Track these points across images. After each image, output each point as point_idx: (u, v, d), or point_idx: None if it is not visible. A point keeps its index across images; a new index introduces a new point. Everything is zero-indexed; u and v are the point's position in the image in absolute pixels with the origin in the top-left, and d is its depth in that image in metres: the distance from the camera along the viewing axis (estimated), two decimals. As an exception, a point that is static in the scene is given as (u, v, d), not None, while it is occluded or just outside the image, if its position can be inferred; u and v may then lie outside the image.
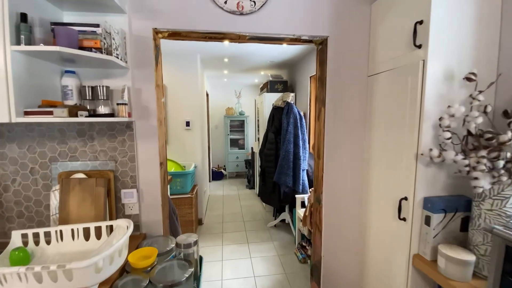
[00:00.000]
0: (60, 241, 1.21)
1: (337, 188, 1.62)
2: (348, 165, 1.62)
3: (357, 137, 1.60)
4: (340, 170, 1.61)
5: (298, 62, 4.03)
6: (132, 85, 1.39)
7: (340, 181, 1.62)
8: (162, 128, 1.53)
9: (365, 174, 1.62)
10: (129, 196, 1.43)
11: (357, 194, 1.65)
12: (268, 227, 3.68)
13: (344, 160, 1.61)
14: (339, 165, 1.61)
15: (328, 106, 1.56)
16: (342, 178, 1.62)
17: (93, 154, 1.41)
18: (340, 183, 1.62)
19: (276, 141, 3.34)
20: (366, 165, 1.61)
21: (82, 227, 1.23)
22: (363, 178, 1.65)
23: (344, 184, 1.62)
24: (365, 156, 1.62)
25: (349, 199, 1.63)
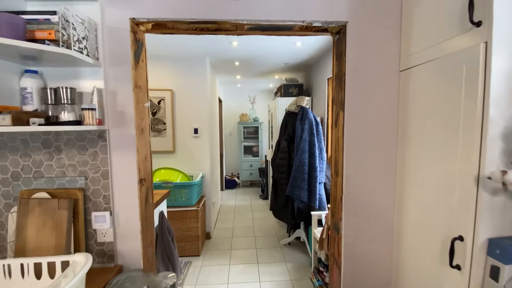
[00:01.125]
0: (8, 278, 0.98)
1: (361, 214, 1.27)
2: (375, 185, 1.26)
3: (386, 149, 1.25)
4: (365, 192, 1.26)
5: (314, 64, 3.70)
6: (106, 86, 1.16)
7: (365, 206, 1.26)
8: (144, 138, 1.28)
9: (399, 199, 1.26)
10: (100, 220, 1.18)
11: (387, 225, 1.28)
12: (281, 244, 3.33)
13: (370, 179, 1.25)
14: (363, 185, 1.25)
15: (348, 109, 1.23)
16: (367, 202, 1.26)
17: (60, 169, 1.18)
18: (365, 209, 1.26)
19: (289, 150, 3.02)
20: (400, 187, 1.24)
21: (33, 262, 0.99)
22: (396, 203, 1.28)
23: (371, 211, 1.26)
24: (398, 175, 1.26)
25: (377, 231, 1.27)
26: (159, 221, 1.88)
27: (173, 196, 2.98)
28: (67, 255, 1.01)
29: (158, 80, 3.35)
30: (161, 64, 3.34)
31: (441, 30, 1.00)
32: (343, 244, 1.28)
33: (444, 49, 0.99)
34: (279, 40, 2.77)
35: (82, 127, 1.02)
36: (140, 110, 1.24)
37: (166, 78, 3.35)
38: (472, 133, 0.87)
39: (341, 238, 1.29)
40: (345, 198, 1.26)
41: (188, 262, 2.95)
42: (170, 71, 3.35)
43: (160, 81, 3.35)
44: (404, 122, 1.21)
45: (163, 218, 1.89)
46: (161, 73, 3.35)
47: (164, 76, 3.35)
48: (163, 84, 3.35)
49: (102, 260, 1.22)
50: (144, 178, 1.27)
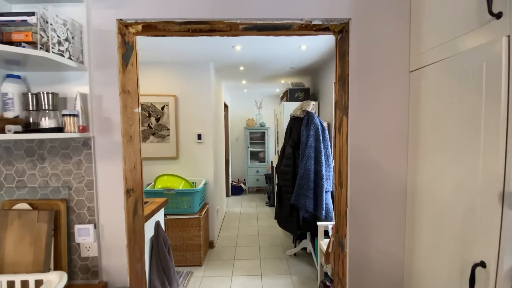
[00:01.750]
0: (-19, 297, 0.91)
1: (369, 231, 1.14)
2: (384, 199, 1.13)
3: (395, 159, 1.12)
4: (373, 206, 1.13)
5: (321, 67, 3.59)
6: (91, 91, 1.09)
7: (373, 222, 1.13)
8: (133, 145, 1.21)
9: (410, 216, 1.12)
10: (84, 233, 1.10)
11: (398, 244, 1.14)
12: (287, 255, 3.18)
13: (378, 192, 1.13)
14: (371, 198, 1.13)
15: (352, 114, 1.11)
16: (375, 218, 1.13)
17: (44, 179, 1.12)
18: (373, 225, 1.13)
19: (294, 157, 2.90)
20: (411, 203, 1.11)
21: (6, 280, 0.92)
22: (407, 221, 1.14)
23: (379, 228, 1.13)
24: (409, 188, 1.13)
25: (387, 250, 1.13)
26: (155, 232, 1.80)
27: (175, 203, 2.91)
28: (41, 273, 0.93)
29: (162, 86, 3.32)
30: (165, 70, 3.32)
31: (456, 24, 0.89)
32: (348, 263, 1.15)
33: (460, 45, 0.87)
34: (283, 44, 2.69)
35: (62, 135, 0.96)
36: (128, 116, 1.17)
37: (170, 83, 3.32)
38: (495, 141, 0.74)
39: (346, 257, 1.17)
40: (350, 212, 1.13)
41: (189, 272, 2.85)
42: (174, 76, 3.32)
43: (164, 86, 3.33)
44: (416, 128, 1.09)
45: (159, 228, 1.81)
46: (165, 79, 3.33)
47: (168, 82, 3.33)
48: (167, 90, 3.32)
49: (86, 276, 1.14)
50: (132, 188, 1.19)
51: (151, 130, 3.33)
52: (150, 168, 3.38)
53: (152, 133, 3.33)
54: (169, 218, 2.90)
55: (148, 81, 3.31)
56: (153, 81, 3.32)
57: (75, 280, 1.13)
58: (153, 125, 3.33)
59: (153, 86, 3.32)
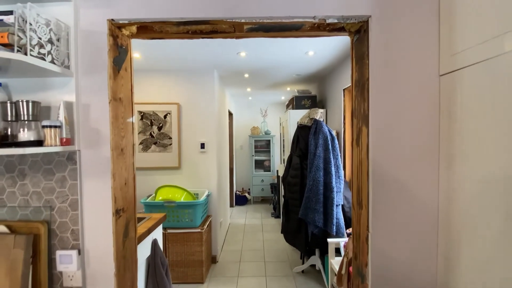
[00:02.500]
0: None
1: (395, 260, 0.97)
2: (414, 224, 0.96)
3: (427, 175, 0.96)
4: (401, 231, 0.97)
5: (328, 74, 3.47)
6: (77, 99, 0.98)
7: (399, 250, 0.97)
8: (125, 159, 1.08)
9: (449, 244, 0.96)
10: (66, 260, 0.96)
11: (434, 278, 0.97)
12: (294, 272, 2.99)
13: (407, 215, 0.97)
14: (398, 221, 0.97)
15: (374, 124, 0.97)
16: (403, 245, 0.97)
17: (24, 198, 0.99)
18: (400, 253, 0.97)
19: (301, 167, 2.74)
20: (446, 226, 0.94)
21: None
22: (444, 248, 0.97)
23: (409, 258, 0.96)
24: (442, 210, 0.96)
25: (419, 285, 0.96)
26: (152, 251, 1.65)
27: (176, 216, 2.76)
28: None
29: (164, 94, 3.23)
30: (168, 77, 3.23)
31: (501, 18, 0.74)
32: (371, 297, 0.98)
33: (508, 43, 0.72)
34: (289, 50, 2.58)
35: (41, 149, 0.83)
36: (120, 127, 1.04)
37: (173, 91, 3.23)
38: None
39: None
40: (372, 238, 0.97)
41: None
42: (177, 84, 3.23)
43: (167, 94, 3.24)
44: (449, 141, 0.93)
45: (157, 247, 1.67)
46: (168, 87, 3.24)
47: (171, 90, 3.24)
48: (170, 98, 3.23)
49: (68, 309, 0.99)
50: (123, 208, 1.05)
51: (153, 139, 3.22)
52: (151, 178, 3.26)
53: (154, 142, 3.23)
54: (169, 232, 2.76)
55: (150, 89, 3.23)
56: (156, 89, 3.24)
57: (56, 314, 0.99)
58: (155, 134, 3.22)
59: (156, 94, 3.23)
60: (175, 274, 2.79)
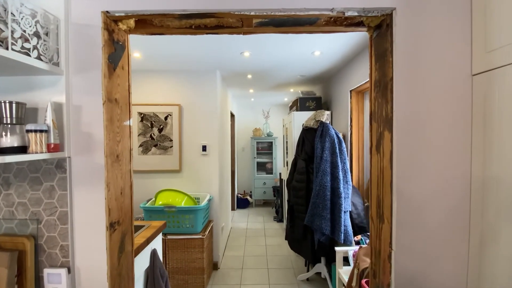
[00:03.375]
0: None
1: (422, 283, 0.86)
2: (446, 244, 0.86)
3: (458, 186, 0.86)
4: (430, 251, 0.86)
5: (334, 75, 3.37)
6: (68, 100, 0.88)
7: (428, 272, 0.86)
8: (120, 167, 0.98)
9: (484, 263, 0.85)
10: (55, 280, 0.86)
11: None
12: (299, 280, 2.88)
13: (437, 232, 0.86)
14: (427, 239, 0.86)
15: (399, 129, 0.86)
16: (433, 267, 0.86)
17: (9, 209, 0.89)
18: (429, 277, 0.86)
19: (307, 171, 2.63)
20: (481, 242, 0.84)
21: None
22: (477, 268, 0.87)
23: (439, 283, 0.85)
24: (476, 225, 0.86)
25: None
26: (151, 262, 1.55)
27: (176, 222, 2.66)
28: None
29: (165, 95, 3.14)
30: (169, 78, 3.14)
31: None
32: (394, 323, 0.88)
33: None
34: (295, 49, 2.48)
35: (24, 157, 0.73)
36: (115, 131, 0.94)
37: (174, 92, 3.14)
38: None
39: (391, 314, 0.89)
40: (396, 256, 0.87)
41: (192, 299, 2.57)
42: (178, 85, 3.13)
43: (168, 95, 3.14)
44: (484, 148, 0.83)
45: (156, 258, 1.56)
46: (169, 87, 3.14)
47: (172, 91, 3.14)
48: (171, 99, 3.13)
49: (56, 334, 0.89)
50: (118, 221, 0.95)
51: (153, 142, 3.12)
52: (151, 181, 3.16)
53: (154, 145, 3.13)
54: (169, 238, 2.65)
55: (151, 90, 3.13)
56: (157, 89, 3.14)
57: None
58: (156, 136, 3.12)
59: (156, 95, 3.13)
60: (175, 282, 2.68)
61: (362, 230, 2.46)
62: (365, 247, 1.81)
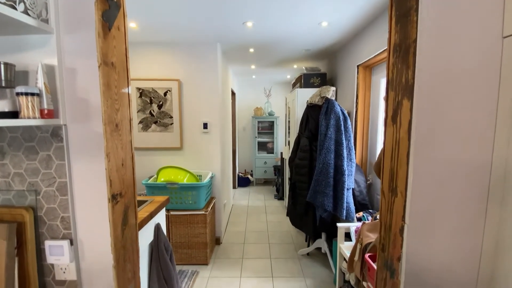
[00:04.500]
0: None
1: (435, 258, 0.84)
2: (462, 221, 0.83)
3: (483, 156, 0.81)
4: (446, 225, 0.83)
5: (340, 50, 3.22)
6: (60, 62, 0.80)
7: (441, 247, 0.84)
8: (121, 136, 0.93)
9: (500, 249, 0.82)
10: (57, 252, 0.84)
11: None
12: (299, 255, 2.95)
13: (453, 207, 0.83)
14: (442, 213, 0.83)
15: (420, 96, 0.80)
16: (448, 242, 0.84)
17: (5, 180, 0.85)
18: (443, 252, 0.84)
19: (310, 149, 2.60)
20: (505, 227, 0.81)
21: None
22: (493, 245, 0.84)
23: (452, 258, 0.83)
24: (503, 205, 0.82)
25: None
26: (155, 236, 1.55)
27: (179, 198, 2.66)
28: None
29: (164, 69, 3.02)
30: (167, 51, 3.00)
31: None
32: (403, 295, 0.87)
33: None
34: (301, 20, 2.34)
35: (16, 122, 0.67)
36: (113, 98, 0.88)
37: (173, 66, 3.01)
38: None
39: (399, 286, 0.89)
40: (410, 230, 0.84)
41: (195, 272, 2.64)
42: (177, 59, 3.00)
43: (166, 70, 3.02)
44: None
45: (160, 232, 1.56)
46: (167, 61, 3.01)
47: (170, 65, 3.02)
48: (170, 74, 3.02)
49: (63, 304, 0.89)
50: (120, 193, 0.91)
51: (153, 118, 3.06)
52: (152, 159, 3.14)
53: (154, 122, 3.06)
54: (172, 214, 2.67)
55: (148, 64, 3.01)
56: (155, 64, 3.01)
57: (50, 308, 0.88)
58: (155, 113, 3.05)
59: (155, 70, 3.02)
60: (179, 255, 2.74)
61: (364, 207, 2.47)
62: (369, 223, 1.81)
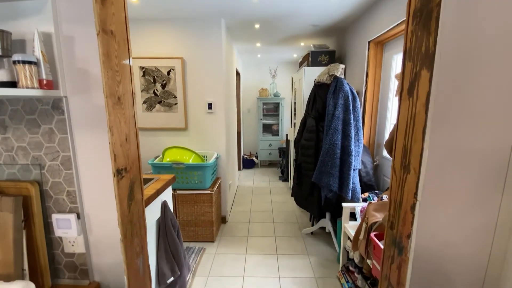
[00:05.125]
0: None
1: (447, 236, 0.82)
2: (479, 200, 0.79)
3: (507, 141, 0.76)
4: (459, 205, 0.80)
5: (351, 25, 3.06)
6: (57, 30, 0.76)
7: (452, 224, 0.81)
8: (123, 110, 0.89)
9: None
10: (64, 225, 0.84)
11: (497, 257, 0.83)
12: (303, 234, 2.99)
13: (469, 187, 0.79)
14: (456, 192, 0.80)
15: (440, 66, 0.74)
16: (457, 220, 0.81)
17: (9, 154, 0.84)
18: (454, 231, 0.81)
19: (317, 129, 2.55)
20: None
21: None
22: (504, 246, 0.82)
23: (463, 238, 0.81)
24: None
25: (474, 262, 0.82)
26: (162, 213, 1.57)
27: (185, 178, 2.68)
28: (2, 283, 0.69)
29: (167, 47, 2.93)
30: (169, 28, 2.89)
31: None
32: (411, 272, 0.87)
33: None
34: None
35: (13, 91, 0.65)
36: (114, 69, 0.83)
37: (176, 44, 2.92)
38: None
39: (407, 263, 0.88)
40: (421, 207, 0.82)
41: (202, 248, 2.72)
42: (180, 36, 2.90)
43: (169, 48, 2.93)
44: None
45: (167, 209, 1.58)
46: (170, 39, 2.92)
47: (173, 42, 2.92)
48: (173, 52, 2.93)
49: (73, 275, 0.91)
50: (125, 168, 0.90)
51: (157, 98, 3.01)
52: (157, 139, 3.13)
53: (158, 101, 3.02)
54: (179, 193, 2.71)
55: (150, 42, 2.92)
56: (157, 41, 2.92)
57: (61, 279, 0.91)
58: (159, 92, 3.00)
59: (157, 48, 2.93)
60: (186, 233, 2.81)
61: (370, 188, 2.46)
62: (375, 203, 1.80)
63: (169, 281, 1.54)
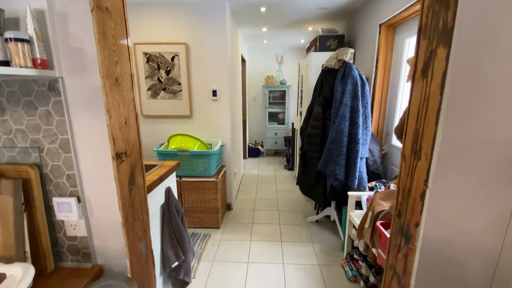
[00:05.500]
0: None
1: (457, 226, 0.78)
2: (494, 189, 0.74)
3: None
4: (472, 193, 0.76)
5: (362, 7, 2.92)
6: (50, 6, 0.72)
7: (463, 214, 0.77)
8: (121, 92, 0.87)
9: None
10: (65, 208, 0.84)
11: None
12: (308, 222, 2.99)
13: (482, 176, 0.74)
14: (469, 180, 0.75)
15: (458, 42, 0.68)
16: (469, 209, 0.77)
17: (7, 136, 0.83)
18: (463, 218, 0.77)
19: (324, 117, 2.48)
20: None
21: (-41, 272, 0.69)
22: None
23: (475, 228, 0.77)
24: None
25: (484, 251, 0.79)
26: (166, 199, 1.57)
27: (190, 165, 2.68)
28: (3, 265, 0.69)
29: (170, 32, 2.86)
30: (172, 12, 2.81)
31: None
32: (418, 261, 0.84)
33: None
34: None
35: (7, 69, 0.62)
36: (111, 49, 0.80)
37: (179, 29, 2.85)
38: None
39: (414, 252, 0.85)
40: (431, 195, 0.78)
41: (207, 234, 2.75)
42: (183, 20, 2.82)
43: (173, 33, 2.86)
44: None
45: (171, 195, 1.58)
46: (173, 24, 2.84)
47: (177, 27, 2.85)
48: (176, 37, 2.86)
49: (76, 258, 0.91)
50: (125, 152, 0.88)
51: (162, 85, 2.98)
52: (162, 127, 3.13)
53: (162, 88, 2.99)
54: (184, 180, 2.72)
55: (153, 27, 2.85)
56: (160, 26, 2.85)
57: (64, 262, 0.91)
58: (163, 79, 2.96)
59: (160, 33, 2.86)
60: (191, 219, 2.84)
61: (377, 176, 2.41)
62: (382, 191, 1.76)
63: (173, 266, 1.55)
